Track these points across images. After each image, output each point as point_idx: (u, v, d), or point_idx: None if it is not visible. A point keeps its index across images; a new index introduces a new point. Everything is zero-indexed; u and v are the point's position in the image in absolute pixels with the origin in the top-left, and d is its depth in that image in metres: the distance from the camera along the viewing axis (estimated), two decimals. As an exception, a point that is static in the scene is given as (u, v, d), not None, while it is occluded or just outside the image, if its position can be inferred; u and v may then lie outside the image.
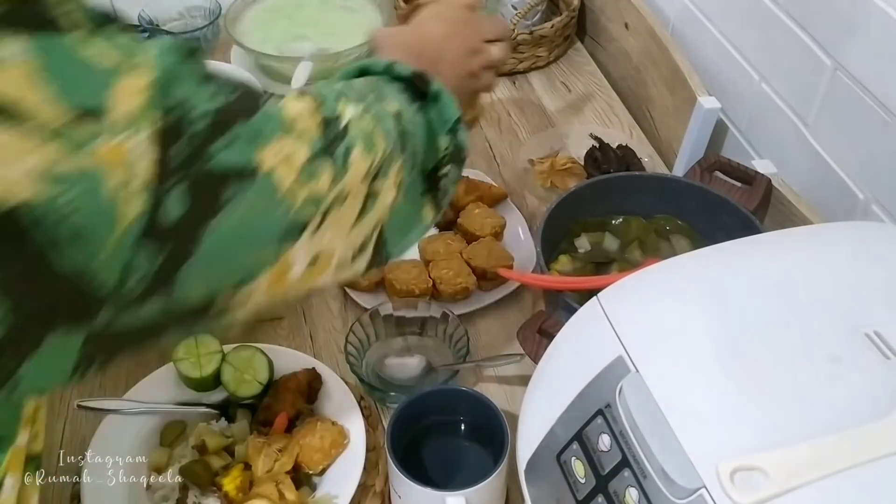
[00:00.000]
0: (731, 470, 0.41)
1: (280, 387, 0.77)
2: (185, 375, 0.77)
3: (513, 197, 1.04)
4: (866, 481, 0.41)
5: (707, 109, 0.98)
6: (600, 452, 0.49)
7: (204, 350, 0.78)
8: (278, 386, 0.78)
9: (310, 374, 0.79)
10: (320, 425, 0.74)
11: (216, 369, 0.77)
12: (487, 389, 0.83)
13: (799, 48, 0.84)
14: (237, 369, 0.77)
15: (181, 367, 0.77)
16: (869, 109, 0.75)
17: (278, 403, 0.76)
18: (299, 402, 0.77)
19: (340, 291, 0.93)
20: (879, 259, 0.55)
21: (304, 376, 0.78)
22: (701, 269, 0.57)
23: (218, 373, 0.77)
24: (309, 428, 0.74)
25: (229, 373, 0.77)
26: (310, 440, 0.73)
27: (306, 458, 0.72)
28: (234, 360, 0.78)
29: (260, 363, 0.78)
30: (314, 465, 0.73)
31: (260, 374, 0.78)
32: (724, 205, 0.82)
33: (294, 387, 0.77)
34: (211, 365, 0.77)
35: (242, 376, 0.77)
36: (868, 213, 0.79)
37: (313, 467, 0.73)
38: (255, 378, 0.77)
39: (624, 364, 0.50)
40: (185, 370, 0.77)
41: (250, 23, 1.28)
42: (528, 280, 0.84)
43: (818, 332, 0.49)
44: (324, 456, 0.73)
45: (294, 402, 0.76)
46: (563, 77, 1.28)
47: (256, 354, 0.79)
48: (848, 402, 0.45)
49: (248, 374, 0.77)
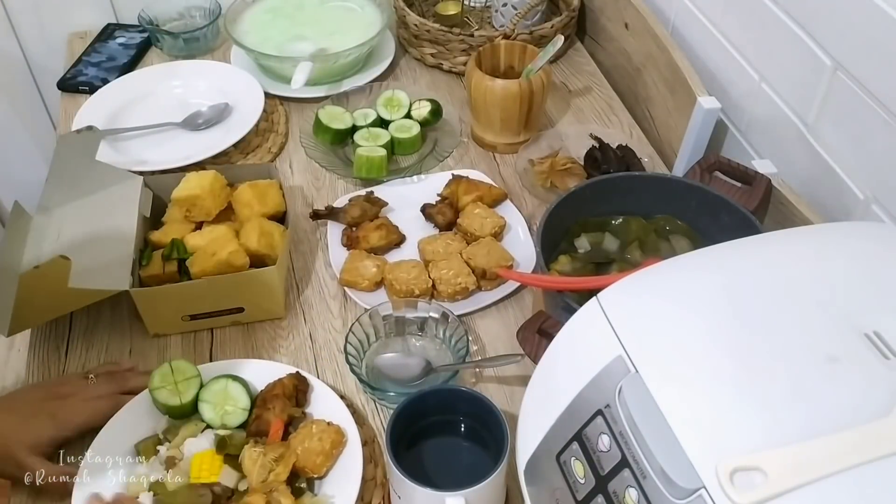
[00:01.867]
0: (731, 470, 0.41)
1: (267, 396, 0.77)
2: (164, 404, 0.75)
3: (513, 197, 1.04)
4: (865, 481, 0.41)
5: (707, 109, 0.98)
6: (600, 453, 0.49)
7: (181, 376, 0.76)
8: (265, 395, 0.77)
9: (295, 378, 0.78)
10: (316, 428, 0.74)
11: (196, 394, 0.76)
12: (487, 389, 0.83)
13: (799, 48, 0.84)
14: (215, 404, 0.76)
15: (159, 396, 0.75)
16: (869, 109, 0.75)
17: (268, 412, 0.75)
18: (289, 408, 0.76)
19: (340, 291, 0.93)
20: (879, 259, 0.55)
21: (289, 381, 0.78)
22: (701, 269, 0.57)
23: (198, 397, 0.76)
24: (305, 432, 0.73)
25: (209, 410, 0.75)
26: (309, 444, 0.72)
27: (308, 463, 0.72)
28: (209, 396, 0.76)
29: (235, 390, 0.77)
30: (318, 469, 0.72)
31: (240, 401, 0.76)
32: (724, 205, 0.82)
33: (281, 393, 0.76)
34: (190, 391, 0.76)
35: (224, 409, 0.76)
36: (868, 213, 0.79)
37: (317, 471, 0.72)
38: (236, 406, 0.76)
39: (623, 364, 0.50)
40: (164, 399, 0.75)
41: (250, 23, 1.28)
42: (528, 280, 0.84)
43: (817, 332, 0.49)
44: (326, 458, 0.72)
45: (284, 408, 0.76)
46: (563, 77, 1.28)
47: (229, 383, 0.77)
48: (847, 402, 0.45)
49: (228, 406, 0.76)
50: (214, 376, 0.78)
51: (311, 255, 0.99)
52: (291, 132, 1.17)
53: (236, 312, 0.89)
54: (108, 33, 1.37)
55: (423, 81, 1.27)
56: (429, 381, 0.81)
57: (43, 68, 1.44)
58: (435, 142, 1.12)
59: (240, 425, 0.76)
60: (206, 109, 1.16)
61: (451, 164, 1.10)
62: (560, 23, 1.25)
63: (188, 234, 0.90)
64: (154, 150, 1.11)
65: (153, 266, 0.87)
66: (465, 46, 1.23)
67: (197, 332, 0.89)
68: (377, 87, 1.18)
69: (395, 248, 0.98)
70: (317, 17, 1.30)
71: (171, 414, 0.76)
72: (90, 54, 1.32)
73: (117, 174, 0.95)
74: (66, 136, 1.07)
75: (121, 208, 0.90)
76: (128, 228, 0.87)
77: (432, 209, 1.00)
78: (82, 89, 1.24)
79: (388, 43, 1.31)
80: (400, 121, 1.12)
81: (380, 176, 1.05)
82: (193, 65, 1.26)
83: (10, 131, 1.51)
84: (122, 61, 1.29)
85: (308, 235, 1.01)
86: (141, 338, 0.89)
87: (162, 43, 1.31)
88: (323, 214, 0.99)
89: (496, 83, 1.06)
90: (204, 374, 0.78)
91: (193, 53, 1.31)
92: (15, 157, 1.53)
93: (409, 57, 1.32)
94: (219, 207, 0.93)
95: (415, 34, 1.28)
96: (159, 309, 0.86)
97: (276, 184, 0.95)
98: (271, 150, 1.14)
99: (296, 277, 0.96)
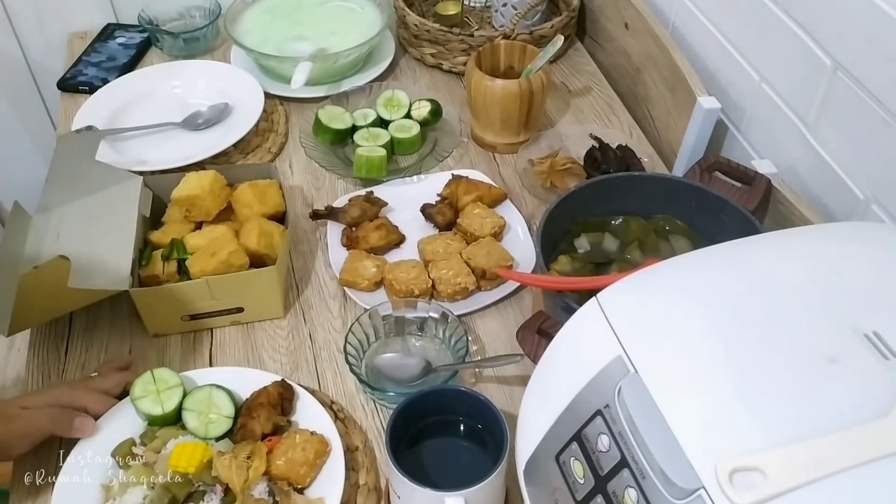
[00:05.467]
0: (730, 470, 0.41)
1: (251, 405, 0.75)
2: (147, 413, 0.75)
3: (513, 197, 1.04)
4: (865, 482, 0.41)
5: (707, 109, 0.97)
6: (599, 453, 0.49)
7: (162, 385, 0.76)
8: (250, 404, 0.76)
9: (280, 386, 0.77)
10: (300, 437, 0.73)
11: (179, 403, 0.75)
12: (487, 389, 0.83)
13: (799, 48, 0.84)
14: (199, 412, 0.75)
15: (141, 406, 0.75)
16: (869, 109, 0.75)
17: (252, 421, 0.74)
18: (274, 416, 0.75)
19: (340, 291, 0.93)
20: (879, 259, 0.55)
21: (274, 389, 0.77)
22: (701, 269, 0.57)
23: (181, 406, 0.75)
24: (289, 443, 0.72)
25: (193, 419, 0.74)
26: (293, 455, 0.71)
27: (292, 474, 0.71)
28: (193, 404, 0.75)
29: (219, 398, 0.76)
30: (302, 479, 0.71)
31: (224, 408, 0.75)
32: (723, 205, 0.82)
33: (266, 401, 0.75)
34: (172, 399, 0.75)
35: (208, 418, 0.75)
36: (868, 213, 0.79)
37: (301, 481, 0.71)
38: (220, 415, 0.75)
39: (623, 364, 0.50)
40: (146, 408, 0.75)
41: (250, 23, 1.28)
42: (528, 280, 0.84)
43: (817, 332, 0.49)
44: (310, 468, 0.71)
45: (269, 416, 0.74)
46: (563, 77, 1.28)
47: (213, 391, 0.76)
48: (846, 402, 0.45)
49: (212, 414, 0.75)
50: (198, 385, 0.77)
51: (311, 255, 0.99)
52: (291, 132, 1.17)
53: (236, 312, 0.88)
54: (108, 33, 1.37)
55: (423, 81, 1.27)
56: (428, 381, 0.81)
57: (43, 68, 1.44)
58: (435, 142, 1.12)
59: (224, 434, 0.75)
60: (206, 109, 1.16)
61: (451, 164, 1.10)
62: (560, 23, 1.25)
63: (188, 234, 0.90)
64: (154, 150, 1.11)
65: (153, 266, 0.87)
66: (465, 46, 1.23)
67: (196, 332, 0.89)
68: (377, 87, 1.18)
69: (395, 248, 0.98)
70: (317, 17, 1.30)
71: (153, 423, 0.76)
72: (90, 54, 1.32)
73: (117, 174, 0.95)
74: (66, 136, 1.07)
75: (121, 208, 0.90)
76: (128, 228, 0.87)
77: (432, 209, 1.00)
78: (82, 89, 1.24)
79: (388, 43, 1.31)
80: (400, 121, 1.12)
81: (380, 176, 1.05)
82: (193, 65, 1.26)
83: (10, 131, 1.51)
84: (122, 61, 1.29)
85: (308, 235, 1.01)
86: (141, 338, 0.89)
87: (162, 43, 1.31)
88: (323, 214, 0.99)
89: (496, 83, 1.06)
90: (186, 382, 0.77)
91: (193, 53, 1.31)
92: (15, 157, 1.54)
93: (409, 57, 1.32)
94: (219, 207, 0.93)
95: (415, 34, 1.28)
96: (159, 309, 0.86)
97: (275, 184, 0.95)
98: (271, 150, 1.14)
99: (295, 277, 0.96)
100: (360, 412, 0.82)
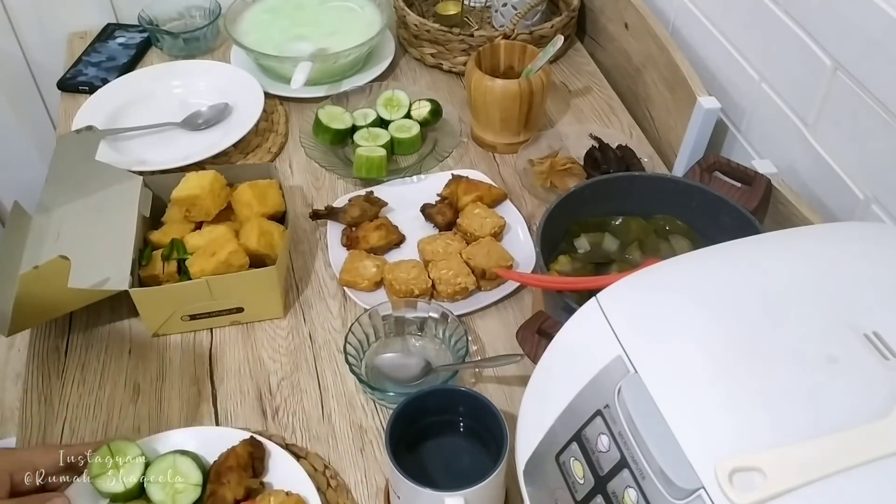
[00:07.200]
0: (730, 470, 0.41)
1: (220, 469, 0.70)
2: (108, 492, 0.68)
3: (512, 197, 1.04)
4: (865, 482, 0.41)
5: (707, 109, 0.97)
6: (599, 453, 0.49)
7: (121, 458, 0.69)
8: (218, 468, 0.70)
9: (249, 445, 0.72)
10: (274, 500, 0.68)
11: (141, 477, 0.69)
12: (487, 389, 0.83)
13: (799, 48, 0.84)
14: (164, 484, 0.69)
15: (100, 485, 0.68)
16: (869, 109, 0.75)
17: (222, 487, 0.69)
18: (246, 480, 0.70)
19: (340, 291, 0.93)
20: (879, 259, 0.55)
21: (243, 449, 0.71)
22: (701, 269, 0.57)
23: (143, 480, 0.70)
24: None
25: (158, 491, 0.69)
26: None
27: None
28: (156, 474, 0.70)
29: (184, 465, 0.70)
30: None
31: (191, 476, 0.70)
32: (723, 205, 0.82)
33: (235, 464, 0.70)
34: (134, 473, 0.69)
35: (174, 488, 0.69)
36: (868, 213, 0.79)
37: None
38: (187, 482, 0.69)
39: (623, 364, 0.50)
40: (106, 487, 0.68)
41: (250, 23, 1.28)
42: (528, 280, 0.84)
43: (817, 332, 0.49)
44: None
45: (240, 480, 0.69)
46: (562, 77, 1.28)
47: (177, 458, 0.70)
48: (846, 402, 0.45)
49: (178, 484, 0.69)
50: (160, 454, 0.72)
51: (311, 255, 0.99)
52: (291, 132, 1.17)
53: (236, 312, 0.89)
54: (108, 33, 1.37)
55: (423, 81, 1.27)
56: (428, 381, 0.81)
57: (43, 68, 1.44)
58: (435, 142, 1.12)
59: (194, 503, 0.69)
60: (206, 109, 1.16)
61: (451, 164, 1.10)
62: (560, 23, 1.25)
63: (188, 234, 0.90)
64: (154, 150, 1.11)
65: (153, 266, 0.87)
66: (465, 46, 1.23)
67: (196, 332, 0.89)
68: (377, 87, 1.18)
69: (395, 248, 0.98)
70: (317, 17, 1.30)
71: (116, 500, 0.69)
72: (90, 54, 1.32)
73: (117, 174, 0.95)
74: (65, 136, 1.07)
75: (120, 208, 0.91)
76: (128, 228, 0.87)
77: (432, 209, 1.00)
78: (82, 89, 1.24)
79: (388, 43, 1.31)
80: (400, 121, 1.12)
81: (379, 176, 1.05)
82: (193, 65, 1.26)
83: (10, 131, 1.51)
84: (122, 61, 1.29)
85: (308, 235, 1.01)
86: (140, 338, 0.89)
87: (162, 43, 1.31)
88: (323, 214, 0.99)
89: (496, 83, 1.06)
90: (146, 449, 0.72)
91: (193, 53, 1.31)
92: (15, 157, 1.54)
93: (409, 57, 1.32)
94: (218, 207, 0.93)
95: (415, 34, 1.28)
96: (159, 309, 0.86)
97: (275, 184, 0.95)
98: (271, 150, 1.14)
99: (295, 277, 0.96)
100: (360, 412, 0.82)
